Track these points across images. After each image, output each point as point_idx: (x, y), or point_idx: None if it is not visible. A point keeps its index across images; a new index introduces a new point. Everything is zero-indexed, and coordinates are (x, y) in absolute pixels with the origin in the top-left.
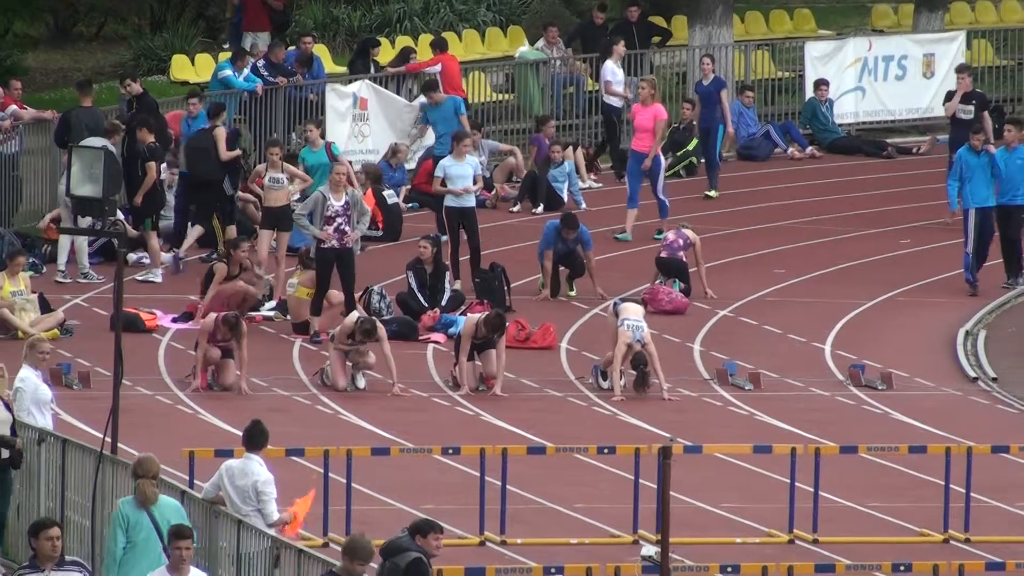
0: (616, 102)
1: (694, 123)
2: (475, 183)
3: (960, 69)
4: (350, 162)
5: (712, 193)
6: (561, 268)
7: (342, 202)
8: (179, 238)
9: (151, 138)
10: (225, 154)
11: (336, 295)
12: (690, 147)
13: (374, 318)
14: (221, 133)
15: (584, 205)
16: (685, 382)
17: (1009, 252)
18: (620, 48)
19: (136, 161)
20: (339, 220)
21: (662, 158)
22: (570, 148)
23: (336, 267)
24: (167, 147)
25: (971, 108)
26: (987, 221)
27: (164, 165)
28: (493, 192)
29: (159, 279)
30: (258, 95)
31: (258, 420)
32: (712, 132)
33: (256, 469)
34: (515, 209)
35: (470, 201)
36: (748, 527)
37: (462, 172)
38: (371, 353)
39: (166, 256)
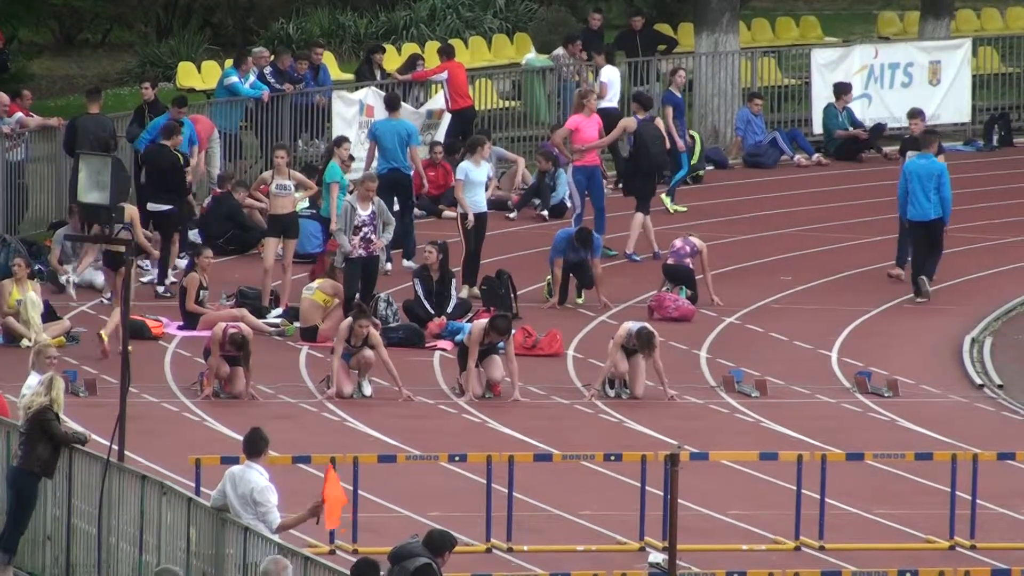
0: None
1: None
2: (487, 188)
3: (912, 115)
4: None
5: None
6: (570, 276)
7: (368, 212)
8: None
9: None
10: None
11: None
12: (694, 160)
13: (363, 303)
14: (660, 124)
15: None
16: (692, 389)
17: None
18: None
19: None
20: (366, 229)
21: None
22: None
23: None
24: None
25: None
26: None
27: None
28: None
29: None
30: (264, 102)
31: (257, 427)
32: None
33: (254, 477)
34: (512, 216)
35: (484, 206)
36: (755, 534)
37: (479, 177)
38: (368, 350)
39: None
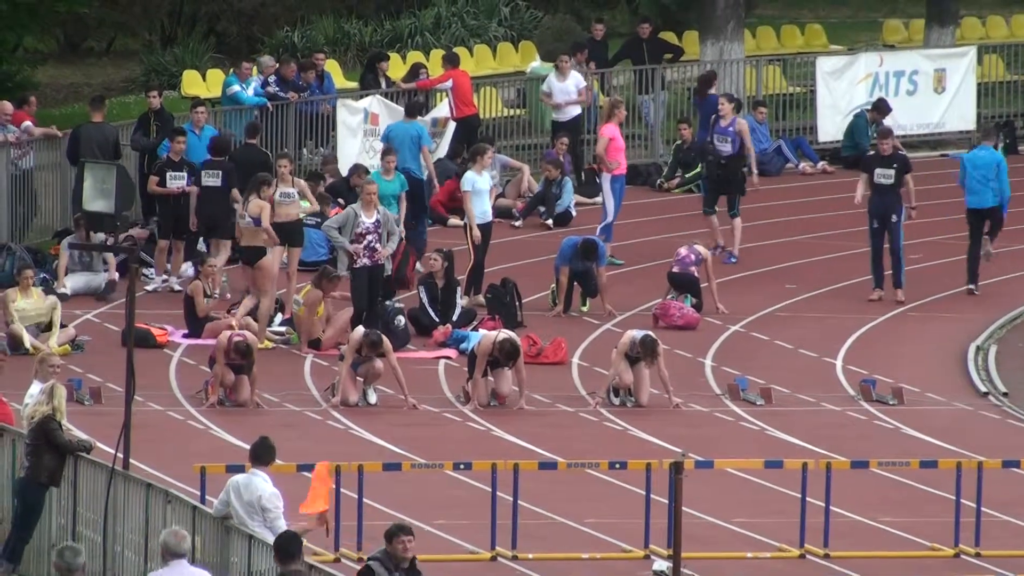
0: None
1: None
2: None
3: (883, 135)
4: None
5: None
6: (575, 284)
7: (373, 219)
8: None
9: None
10: None
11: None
12: (698, 169)
13: (379, 332)
14: None
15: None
16: (697, 397)
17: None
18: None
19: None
20: (370, 237)
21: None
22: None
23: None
24: None
25: (892, 172)
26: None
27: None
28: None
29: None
30: (268, 111)
31: (265, 436)
32: None
33: (260, 484)
34: (517, 224)
35: (490, 215)
36: (759, 542)
37: (484, 186)
38: (378, 361)
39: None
